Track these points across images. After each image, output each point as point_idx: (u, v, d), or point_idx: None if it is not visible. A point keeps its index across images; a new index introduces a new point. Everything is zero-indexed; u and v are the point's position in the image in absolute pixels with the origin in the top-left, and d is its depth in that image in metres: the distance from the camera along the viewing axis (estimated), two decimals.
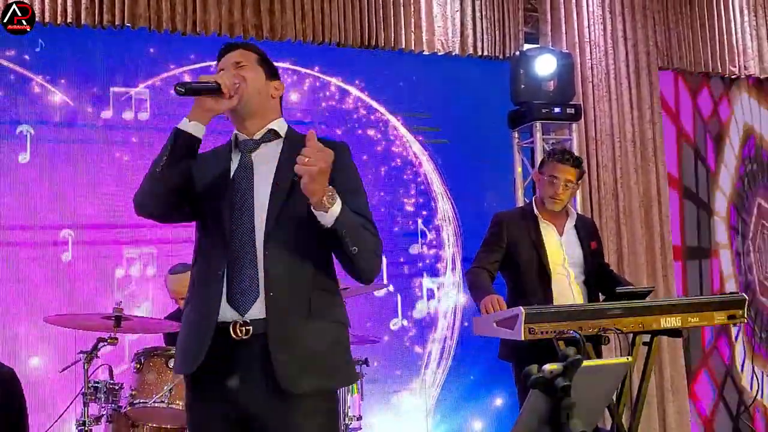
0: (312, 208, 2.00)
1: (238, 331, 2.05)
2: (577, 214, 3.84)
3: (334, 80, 5.11)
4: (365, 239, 2.08)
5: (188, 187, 2.15)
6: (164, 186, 2.11)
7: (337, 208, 1.99)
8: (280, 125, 2.26)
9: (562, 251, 3.62)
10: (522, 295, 3.46)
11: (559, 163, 3.65)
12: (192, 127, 2.11)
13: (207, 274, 2.12)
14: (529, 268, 3.59)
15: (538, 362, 1.56)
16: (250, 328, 2.05)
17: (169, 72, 4.75)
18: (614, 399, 3.30)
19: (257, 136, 2.22)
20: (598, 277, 3.69)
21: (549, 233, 3.65)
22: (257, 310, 2.06)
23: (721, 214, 6.16)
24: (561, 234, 3.66)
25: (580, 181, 3.76)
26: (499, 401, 5.17)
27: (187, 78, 4.72)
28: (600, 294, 3.68)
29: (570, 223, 3.70)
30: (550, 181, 3.63)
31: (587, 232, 3.74)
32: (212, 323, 2.06)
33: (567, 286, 3.57)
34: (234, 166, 2.20)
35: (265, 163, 2.18)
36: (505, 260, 3.64)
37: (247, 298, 2.06)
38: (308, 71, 5.04)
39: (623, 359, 1.72)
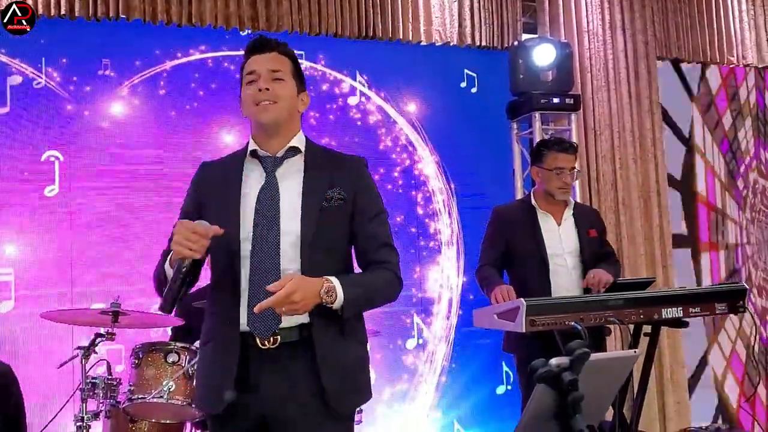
0: None
1: (267, 341, 2.06)
2: (576, 202, 3.82)
3: (329, 71, 5.08)
4: (379, 296, 2.15)
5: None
6: (182, 294, 2.06)
7: (339, 300, 2.00)
8: (300, 140, 2.23)
9: (560, 241, 3.60)
10: (522, 287, 3.44)
11: (561, 152, 3.64)
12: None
13: (227, 303, 2.11)
14: (528, 260, 3.59)
15: (540, 355, 1.53)
16: (279, 337, 2.06)
17: (164, 65, 4.71)
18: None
19: (279, 153, 2.19)
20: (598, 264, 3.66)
21: (547, 223, 3.64)
22: (284, 323, 2.07)
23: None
24: (559, 223, 3.65)
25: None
26: (500, 392, 5.17)
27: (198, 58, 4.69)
28: None
29: (568, 212, 3.69)
30: (556, 174, 3.60)
31: (586, 220, 3.73)
32: (235, 354, 2.06)
33: (566, 277, 3.56)
34: (258, 184, 2.14)
35: (289, 181, 2.16)
36: (506, 253, 3.62)
37: (270, 324, 2.06)
38: (304, 62, 5.00)
39: (630, 352, 1.70)
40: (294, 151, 2.20)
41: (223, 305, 2.13)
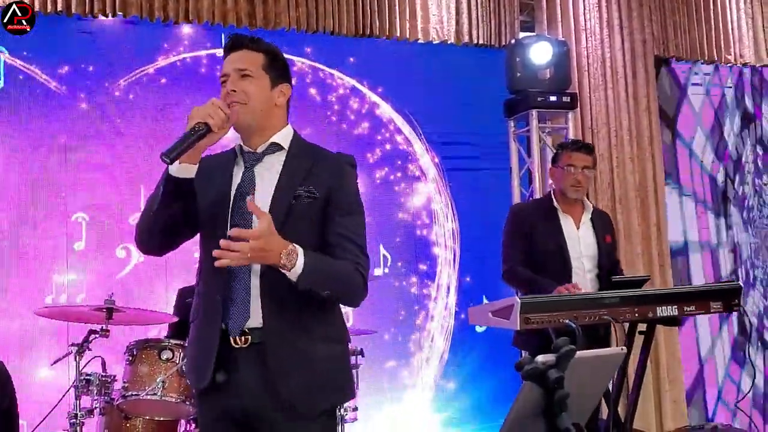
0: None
1: (238, 340, 2.07)
2: (593, 207, 3.83)
3: (326, 69, 5.07)
4: (339, 281, 2.08)
5: (185, 222, 2.13)
6: (159, 226, 2.10)
7: (298, 267, 1.97)
8: (284, 135, 2.21)
9: (579, 244, 3.64)
10: None
11: (574, 151, 3.70)
12: (182, 170, 2.04)
13: (207, 298, 2.14)
14: (549, 261, 3.60)
15: (550, 351, 1.51)
16: (249, 337, 2.07)
17: (158, 62, 4.70)
18: (611, 389, 3.28)
19: (260, 149, 2.18)
20: (609, 272, 3.68)
21: (567, 225, 3.67)
22: (255, 322, 2.07)
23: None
24: (578, 227, 3.68)
25: (595, 168, 3.82)
26: (497, 390, 5.17)
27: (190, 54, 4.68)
28: None
29: (586, 216, 3.72)
30: (568, 171, 3.65)
31: (603, 225, 3.77)
32: (213, 347, 2.08)
33: (582, 279, 3.58)
34: (236, 180, 2.17)
35: (267, 177, 2.15)
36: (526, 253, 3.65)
37: (241, 320, 2.08)
38: (301, 60, 4.99)
39: (617, 349, 1.69)
40: (275, 147, 2.19)
41: (206, 299, 2.15)
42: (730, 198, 6.19)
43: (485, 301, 5.12)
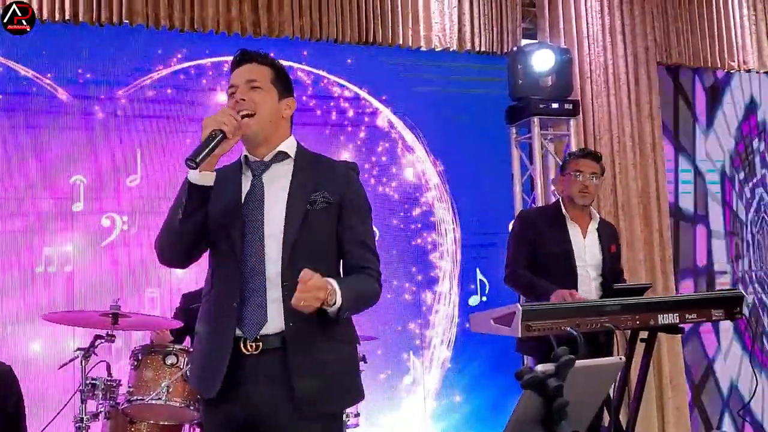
0: None
1: (249, 346, 2.11)
2: (600, 217, 3.87)
3: (329, 76, 5.10)
4: (365, 301, 2.19)
5: (205, 232, 2.17)
6: (183, 237, 2.16)
7: (337, 303, 2.03)
8: (290, 145, 2.27)
9: (584, 252, 3.68)
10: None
11: (581, 158, 3.78)
12: (202, 178, 2.10)
13: (220, 305, 2.17)
14: (555, 265, 3.63)
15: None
16: (261, 344, 2.11)
17: (161, 71, 4.74)
18: (612, 397, 3.30)
19: (267, 158, 2.24)
20: (612, 280, 3.71)
21: (575, 234, 3.72)
22: (272, 327, 2.11)
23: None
24: (584, 235, 3.73)
25: (603, 177, 3.88)
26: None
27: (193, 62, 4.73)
28: None
29: (593, 225, 3.77)
30: (576, 177, 3.71)
31: (608, 235, 3.82)
32: (226, 354, 2.11)
33: (588, 286, 3.62)
34: (245, 188, 2.21)
35: (276, 185, 2.20)
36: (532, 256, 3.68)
37: (257, 326, 2.11)
38: (305, 68, 5.02)
39: (616, 358, 1.72)
40: (282, 155, 2.25)
41: (217, 305, 2.18)
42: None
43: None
